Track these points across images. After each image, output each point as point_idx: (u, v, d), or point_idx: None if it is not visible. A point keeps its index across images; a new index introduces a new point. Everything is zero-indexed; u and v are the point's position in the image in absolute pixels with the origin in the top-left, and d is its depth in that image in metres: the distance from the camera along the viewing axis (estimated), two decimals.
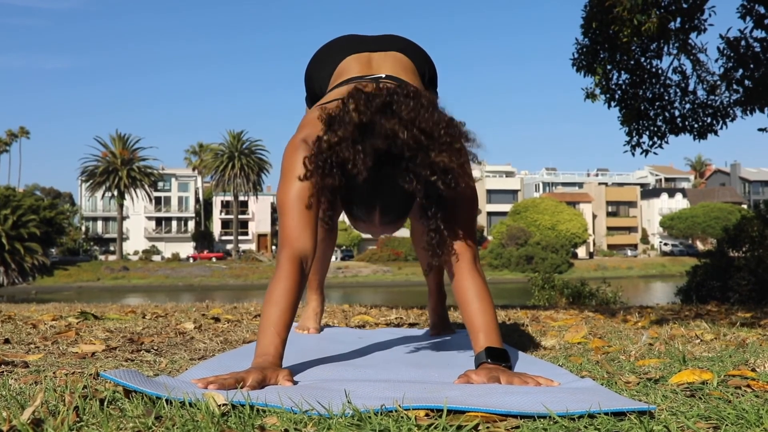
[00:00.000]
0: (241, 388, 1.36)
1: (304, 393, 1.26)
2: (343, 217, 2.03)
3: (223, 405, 1.15)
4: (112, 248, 56.72)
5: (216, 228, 61.93)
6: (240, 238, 57.74)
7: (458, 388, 1.36)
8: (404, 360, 1.92)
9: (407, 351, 2.12)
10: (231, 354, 2.00)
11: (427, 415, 1.14)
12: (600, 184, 67.25)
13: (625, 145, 7.97)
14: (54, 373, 1.57)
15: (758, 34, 6.83)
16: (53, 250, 51.73)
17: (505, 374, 1.48)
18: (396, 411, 1.13)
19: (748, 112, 7.20)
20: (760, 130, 7.04)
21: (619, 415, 1.13)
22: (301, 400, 1.18)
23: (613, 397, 1.24)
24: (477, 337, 1.67)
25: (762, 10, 6.72)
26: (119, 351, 2.09)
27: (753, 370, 1.62)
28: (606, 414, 1.12)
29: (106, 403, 1.18)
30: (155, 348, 2.18)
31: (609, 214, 63.53)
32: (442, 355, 2.04)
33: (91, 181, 52.22)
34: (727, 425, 1.08)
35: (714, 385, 1.42)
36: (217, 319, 3.30)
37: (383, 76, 2.05)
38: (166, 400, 1.19)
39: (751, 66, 6.90)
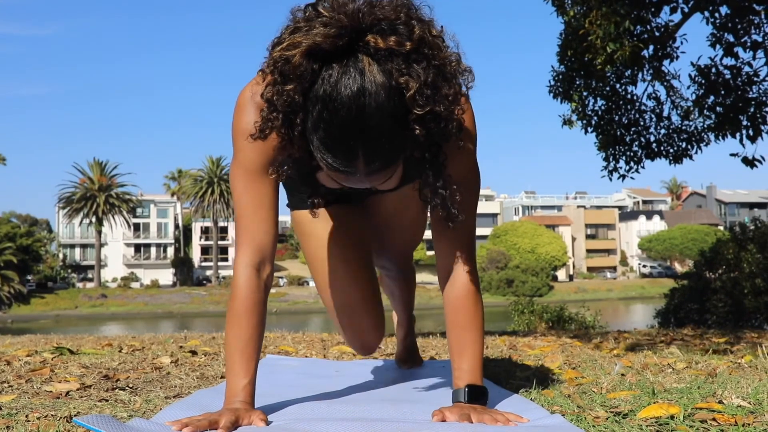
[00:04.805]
0: (214, 430, 1.37)
1: None
2: None
3: None
4: (90, 275, 56.22)
5: (195, 254, 61.65)
6: (220, 264, 57.47)
7: (430, 428, 1.38)
8: (379, 395, 1.93)
9: (382, 385, 2.13)
10: (206, 392, 2.00)
11: None
12: (579, 207, 67.82)
13: (602, 170, 8.06)
14: (27, 416, 1.57)
15: (728, 61, 6.96)
16: (30, 277, 51.17)
17: (476, 412, 1.49)
18: None
19: (720, 138, 7.31)
20: (731, 155, 7.14)
21: None
22: None
23: None
24: (460, 371, 1.62)
25: (731, 38, 6.86)
26: (94, 389, 2.08)
27: (720, 402, 1.65)
28: None
29: None
30: (130, 385, 2.18)
31: (588, 237, 63.99)
32: (416, 390, 2.05)
33: (68, 207, 51.91)
34: None
35: (680, 420, 1.45)
36: (194, 353, 3.29)
37: None
38: None
39: (722, 92, 7.02)
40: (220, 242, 57.91)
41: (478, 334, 1.65)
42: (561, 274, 57.57)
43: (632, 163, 8.04)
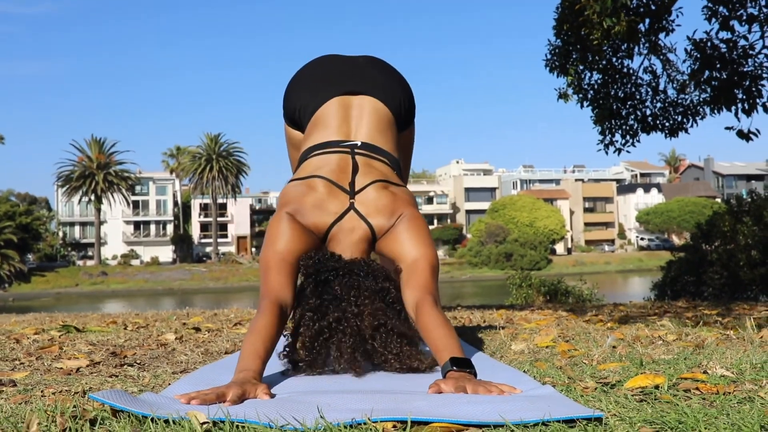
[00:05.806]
0: (222, 402, 1.44)
1: (280, 408, 1.34)
2: None
3: (205, 423, 1.23)
4: (90, 253, 56.27)
5: (195, 231, 61.70)
6: (219, 240, 57.54)
7: (426, 399, 1.45)
8: (378, 370, 2.01)
9: None
10: (212, 366, 2.07)
11: (394, 426, 1.23)
12: (576, 180, 67.80)
13: (598, 144, 8.10)
14: (42, 391, 1.64)
15: (724, 35, 6.97)
16: (30, 256, 51.24)
17: (471, 383, 1.57)
18: (365, 423, 1.21)
19: (716, 111, 7.35)
20: (726, 128, 7.18)
21: (571, 422, 1.23)
22: (277, 417, 1.26)
23: (567, 405, 1.34)
24: (441, 354, 1.79)
25: (726, 11, 6.86)
26: (103, 366, 2.16)
27: (705, 372, 1.72)
28: (558, 421, 1.22)
29: (95, 423, 1.25)
30: (138, 362, 2.26)
31: (586, 210, 64.02)
32: None
33: (67, 185, 51.78)
34: (666, 430, 1.17)
35: (665, 389, 1.53)
36: (197, 329, 3.37)
37: (359, 143, 2.20)
38: (152, 419, 1.26)
39: (718, 66, 7.04)
40: (219, 219, 57.91)
41: (449, 328, 1.88)
42: (559, 248, 57.71)
43: (628, 137, 8.08)
